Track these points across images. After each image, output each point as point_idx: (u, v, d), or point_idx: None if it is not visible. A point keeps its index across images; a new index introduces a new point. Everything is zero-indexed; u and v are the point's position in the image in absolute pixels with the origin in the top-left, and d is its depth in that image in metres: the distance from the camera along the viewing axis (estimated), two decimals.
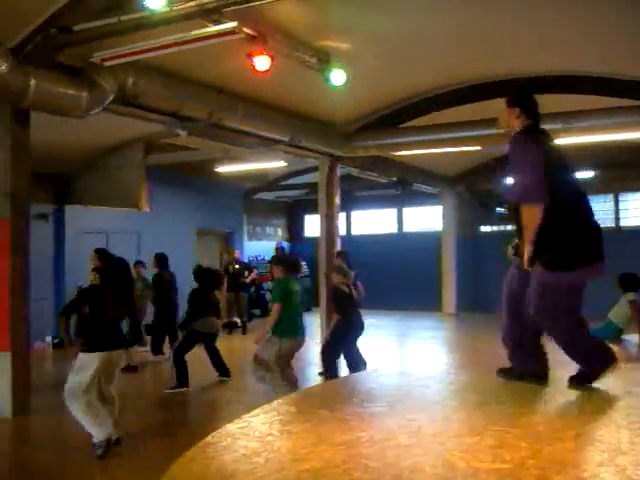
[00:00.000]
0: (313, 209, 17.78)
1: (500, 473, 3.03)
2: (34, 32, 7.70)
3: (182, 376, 9.87)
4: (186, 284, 16.30)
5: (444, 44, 10.33)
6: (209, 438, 3.61)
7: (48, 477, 6.06)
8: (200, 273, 10.70)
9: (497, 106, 5.22)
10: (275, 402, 4.49)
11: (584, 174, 18.77)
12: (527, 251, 4.51)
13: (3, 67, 7.23)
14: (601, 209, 20.25)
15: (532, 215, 4.47)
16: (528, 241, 4.50)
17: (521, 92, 5.16)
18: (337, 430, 3.76)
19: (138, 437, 7.33)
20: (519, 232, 4.69)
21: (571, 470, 3.05)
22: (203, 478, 3.11)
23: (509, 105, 4.95)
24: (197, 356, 10.41)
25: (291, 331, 8.19)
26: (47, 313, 13.99)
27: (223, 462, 3.30)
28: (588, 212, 4.74)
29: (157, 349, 12.55)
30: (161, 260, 12.70)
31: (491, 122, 12.15)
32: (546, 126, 5.21)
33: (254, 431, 3.84)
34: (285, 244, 21.26)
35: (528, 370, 4.91)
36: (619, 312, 9.07)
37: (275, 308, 8.09)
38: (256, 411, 4.20)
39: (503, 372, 5.05)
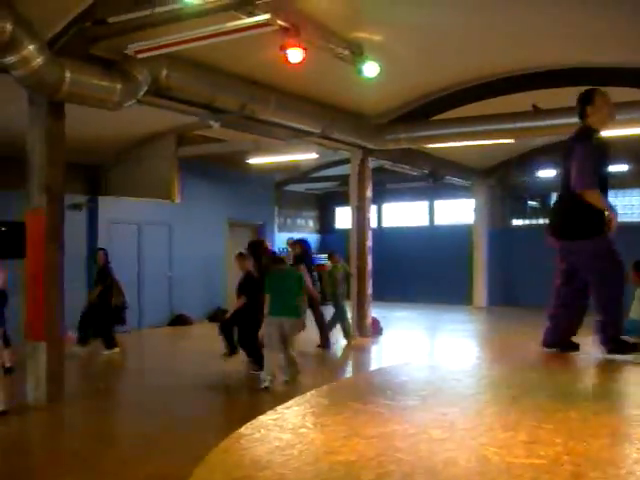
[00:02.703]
0: (344, 201, 17.77)
1: (535, 469, 3.01)
2: (69, 25, 7.77)
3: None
4: (217, 275, 16.47)
5: (476, 37, 10.26)
6: (243, 429, 3.63)
7: (81, 462, 6.14)
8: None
9: (526, 100, 5.66)
10: (308, 394, 4.50)
11: (617, 167, 18.57)
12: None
13: (39, 60, 7.29)
14: (634, 203, 20.06)
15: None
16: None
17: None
18: (370, 423, 3.76)
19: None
20: None
21: (607, 467, 3.02)
22: (238, 469, 3.13)
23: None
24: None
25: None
26: (80, 302, 14.11)
27: (257, 453, 3.32)
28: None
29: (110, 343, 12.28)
30: (107, 254, 12.62)
31: (523, 115, 12.20)
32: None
33: (287, 423, 3.85)
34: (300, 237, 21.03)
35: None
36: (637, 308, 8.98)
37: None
38: (289, 403, 4.21)
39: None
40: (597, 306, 5.34)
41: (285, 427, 3.75)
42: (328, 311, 12.94)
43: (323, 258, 18.25)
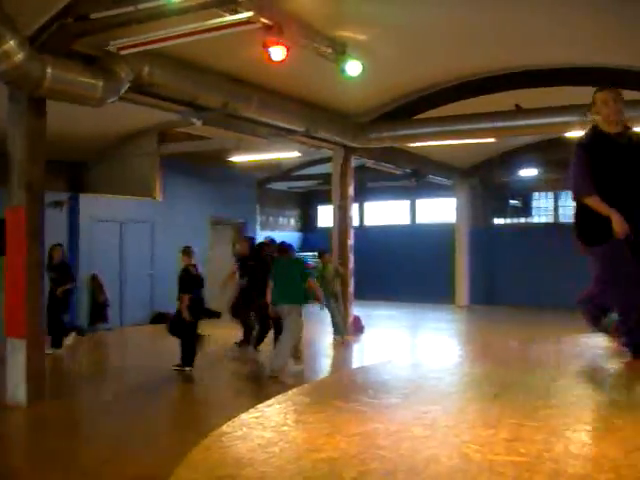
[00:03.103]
0: (326, 199, 17.78)
1: (516, 466, 3.02)
2: (51, 20, 7.70)
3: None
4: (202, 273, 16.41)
5: (459, 36, 10.29)
6: (224, 427, 3.62)
7: (62, 462, 6.10)
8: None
9: (507, 100, 5.49)
10: (289, 392, 4.50)
11: None
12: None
13: (20, 56, 7.23)
14: None
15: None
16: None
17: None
18: (352, 421, 3.77)
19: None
20: None
21: (588, 464, 3.04)
22: (219, 467, 3.13)
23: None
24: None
25: None
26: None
27: (239, 451, 3.31)
28: None
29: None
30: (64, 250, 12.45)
31: (505, 114, 12.25)
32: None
33: (269, 421, 3.85)
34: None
35: None
36: None
37: None
38: (270, 401, 4.21)
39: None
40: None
41: (267, 425, 3.75)
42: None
43: (308, 257, 18.28)
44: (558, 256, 19.20)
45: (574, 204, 5.10)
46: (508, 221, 22.04)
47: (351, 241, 14.74)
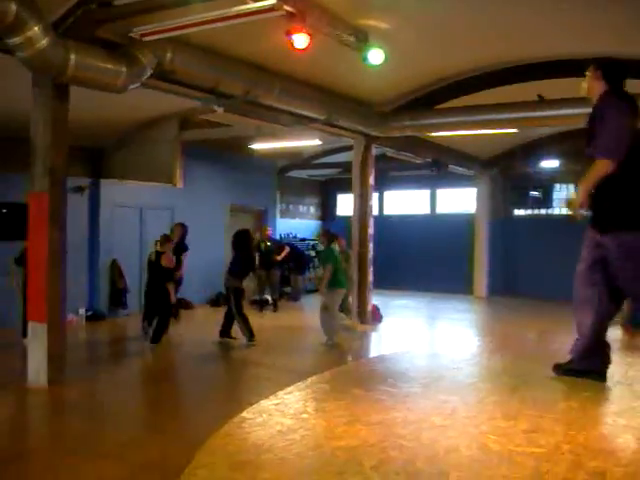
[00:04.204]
0: (346, 188, 17.76)
1: (535, 457, 3.03)
2: (74, 7, 7.72)
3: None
4: (218, 260, 16.48)
5: (482, 26, 10.21)
6: (244, 414, 3.66)
7: (82, 445, 6.15)
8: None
9: (530, 90, 5.39)
10: (309, 380, 4.53)
11: None
12: (580, 196, 4.65)
13: (44, 42, 7.25)
14: None
15: (601, 166, 4.68)
16: (584, 188, 4.63)
17: (606, 59, 5.27)
18: (371, 409, 3.79)
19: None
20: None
21: (607, 456, 3.04)
22: (240, 452, 3.15)
23: (593, 69, 5.10)
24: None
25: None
26: (81, 286, 14.15)
27: (259, 437, 3.34)
28: None
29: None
30: None
31: (527, 105, 12.18)
32: (591, 109, 5.29)
33: (289, 408, 3.88)
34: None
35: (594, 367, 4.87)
36: None
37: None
38: (290, 388, 4.24)
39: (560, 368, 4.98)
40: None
41: (287, 412, 3.77)
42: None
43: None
44: (578, 248, 19.14)
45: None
46: (528, 212, 21.91)
47: (371, 230, 14.72)
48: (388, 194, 24.24)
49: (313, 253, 21.31)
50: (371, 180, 14.81)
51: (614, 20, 9.75)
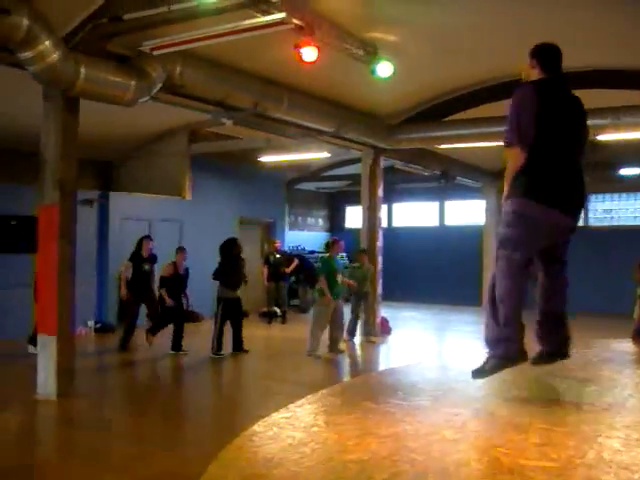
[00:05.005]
0: (355, 200, 17.76)
1: (547, 471, 3.01)
2: (85, 21, 7.78)
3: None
4: None
5: (490, 38, 10.22)
6: (255, 427, 3.65)
7: (91, 457, 6.15)
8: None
9: None
10: (319, 393, 4.52)
11: (630, 171, 18.52)
12: (505, 189, 4.67)
13: (55, 55, 7.31)
14: None
15: (511, 156, 4.67)
16: (506, 181, 4.70)
17: (542, 45, 5.20)
18: (382, 422, 3.78)
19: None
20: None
21: (620, 471, 3.02)
22: (251, 466, 3.15)
23: (529, 56, 5.10)
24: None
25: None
26: (90, 298, 14.18)
27: (270, 451, 3.33)
28: (573, 174, 4.79)
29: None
30: None
31: None
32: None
33: (300, 421, 3.87)
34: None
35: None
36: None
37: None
38: (301, 401, 4.23)
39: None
40: None
41: (297, 425, 3.77)
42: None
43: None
44: (586, 261, 19.09)
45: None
46: None
47: (380, 242, 14.73)
48: (397, 206, 24.24)
49: (319, 265, 21.32)
50: (380, 192, 14.82)
51: (621, 32, 9.76)
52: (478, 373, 4.50)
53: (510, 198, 4.67)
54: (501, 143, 4.89)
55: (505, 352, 4.45)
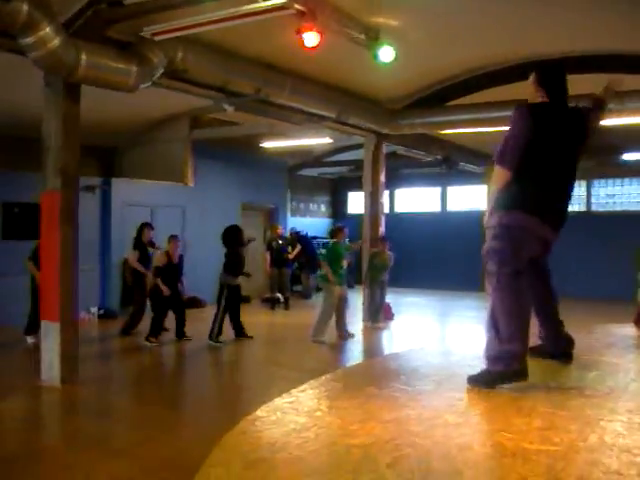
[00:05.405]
0: (357, 186, 17.75)
1: (550, 455, 3.02)
2: (85, 7, 7.73)
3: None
4: None
5: (493, 22, 10.18)
6: (258, 412, 3.66)
7: (96, 443, 6.18)
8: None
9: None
10: (322, 378, 4.53)
11: (633, 156, 18.46)
12: (487, 206, 4.75)
13: (55, 41, 7.28)
14: None
15: (497, 173, 4.80)
16: (489, 197, 4.86)
17: (547, 70, 5.26)
18: (385, 407, 3.79)
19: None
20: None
21: (622, 454, 3.03)
22: (254, 451, 3.16)
23: (534, 81, 5.12)
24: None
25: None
26: (93, 284, 14.21)
27: (273, 435, 3.34)
28: (561, 193, 4.93)
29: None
30: None
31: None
32: None
33: (303, 406, 3.88)
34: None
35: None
36: None
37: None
38: (304, 386, 4.24)
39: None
40: None
41: (301, 410, 3.78)
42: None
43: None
44: (588, 245, 19.09)
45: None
46: None
47: (382, 228, 14.72)
48: (399, 192, 24.22)
49: (324, 251, 21.32)
50: (382, 178, 14.80)
51: (620, 18, 9.71)
52: (474, 382, 4.43)
53: (495, 212, 4.73)
54: (503, 127, 4.92)
55: (504, 370, 4.38)
